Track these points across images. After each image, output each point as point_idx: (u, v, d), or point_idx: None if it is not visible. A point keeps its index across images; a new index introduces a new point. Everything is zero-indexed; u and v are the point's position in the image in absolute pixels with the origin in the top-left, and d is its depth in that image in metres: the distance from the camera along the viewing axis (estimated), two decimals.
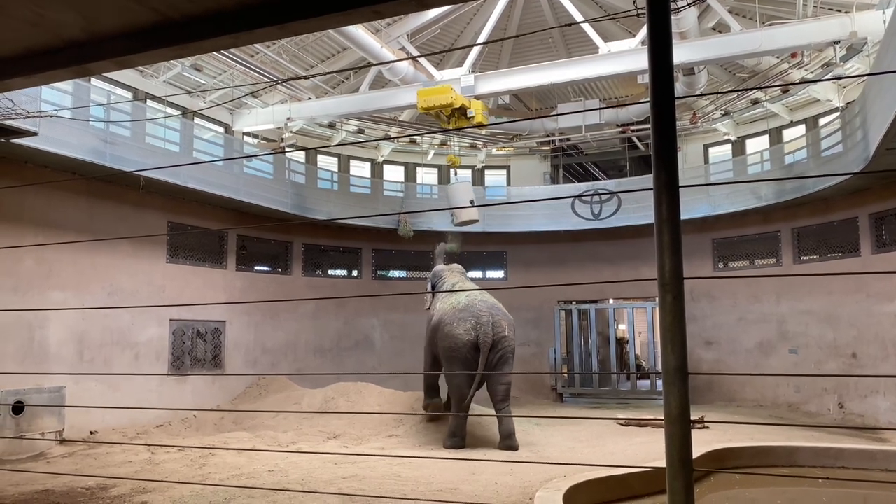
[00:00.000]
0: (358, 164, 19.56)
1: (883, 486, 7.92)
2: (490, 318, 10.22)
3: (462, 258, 18.96)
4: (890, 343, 12.66)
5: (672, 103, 2.41)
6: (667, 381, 2.37)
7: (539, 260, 18.16)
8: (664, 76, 2.38)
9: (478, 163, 20.30)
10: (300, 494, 6.40)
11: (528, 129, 18.45)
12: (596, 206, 17.08)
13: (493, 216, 17.84)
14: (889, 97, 9.04)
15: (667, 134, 2.42)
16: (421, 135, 18.27)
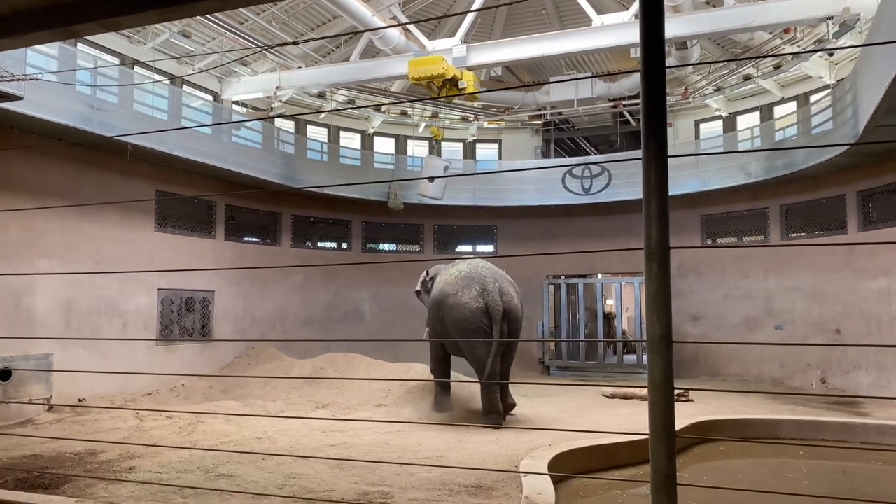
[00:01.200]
0: (348, 135, 19.43)
1: (861, 458, 8.08)
2: (496, 284, 9.55)
3: (452, 232, 19.03)
4: (873, 319, 12.83)
5: (663, 74, 2.41)
6: (651, 349, 2.40)
7: (530, 235, 18.19)
8: (655, 46, 2.37)
9: (469, 136, 20.21)
10: (288, 460, 6.46)
11: (519, 103, 18.36)
12: (586, 181, 17.09)
13: (483, 190, 17.83)
14: (879, 74, 9.05)
15: (657, 104, 2.42)
16: (412, 101, 18.16)
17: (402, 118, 19.68)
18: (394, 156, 19.35)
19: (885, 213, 12.78)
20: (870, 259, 12.92)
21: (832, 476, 7.59)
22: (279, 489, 5.46)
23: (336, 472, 6.05)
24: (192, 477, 5.96)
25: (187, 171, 13.63)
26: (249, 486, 5.59)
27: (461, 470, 5.95)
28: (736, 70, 16.25)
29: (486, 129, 20.42)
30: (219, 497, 5.03)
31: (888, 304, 12.47)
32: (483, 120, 19.80)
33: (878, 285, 12.67)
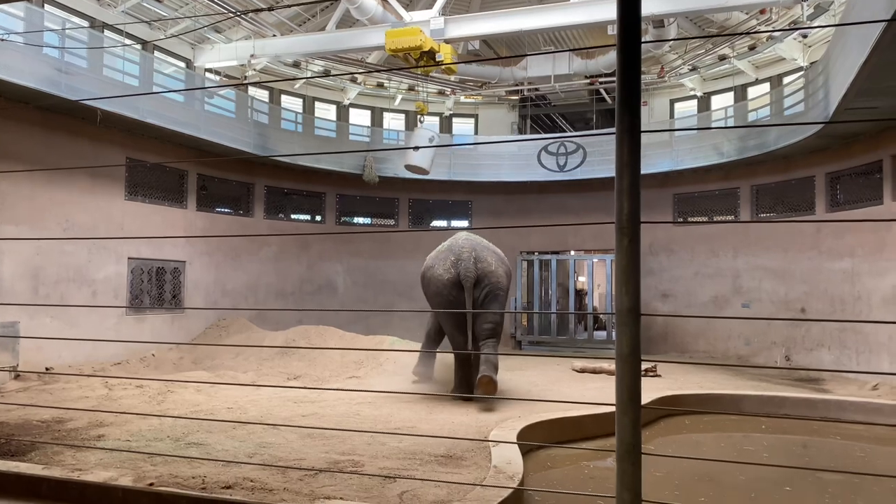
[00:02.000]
0: (323, 106, 19.22)
1: (821, 432, 8.32)
2: (472, 253, 9.35)
3: (428, 206, 19.00)
4: (837, 299, 13.12)
5: (638, 50, 2.43)
6: (620, 321, 2.44)
7: (505, 211, 18.24)
8: (632, 22, 2.39)
9: (446, 110, 20.11)
10: (259, 429, 6.48)
11: (496, 78, 18.29)
12: (562, 158, 17.13)
13: (459, 165, 17.80)
14: (851, 57, 9.17)
15: (631, 79, 2.44)
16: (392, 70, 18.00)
17: (379, 90, 19.51)
18: (369, 128, 19.20)
19: (851, 195, 13.03)
20: (836, 240, 13.18)
21: (792, 449, 7.82)
22: (249, 457, 5.48)
23: (307, 442, 6.09)
24: (162, 445, 5.95)
25: (159, 138, 13.41)
26: (220, 454, 5.61)
27: (432, 440, 6.02)
28: (711, 50, 16.34)
29: (462, 104, 20.34)
30: (189, 465, 5.04)
31: (851, 284, 12.76)
32: (460, 94, 19.71)
33: (843, 266, 12.95)
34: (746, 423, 8.83)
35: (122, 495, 3.15)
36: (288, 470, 4.95)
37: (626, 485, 2.37)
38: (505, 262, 9.73)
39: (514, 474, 4.87)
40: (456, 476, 5.00)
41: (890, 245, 11.65)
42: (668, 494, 5.52)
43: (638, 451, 2.40)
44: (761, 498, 5.62)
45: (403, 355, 11.69)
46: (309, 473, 4.89)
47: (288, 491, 4.42)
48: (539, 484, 5.76)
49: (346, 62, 17.49)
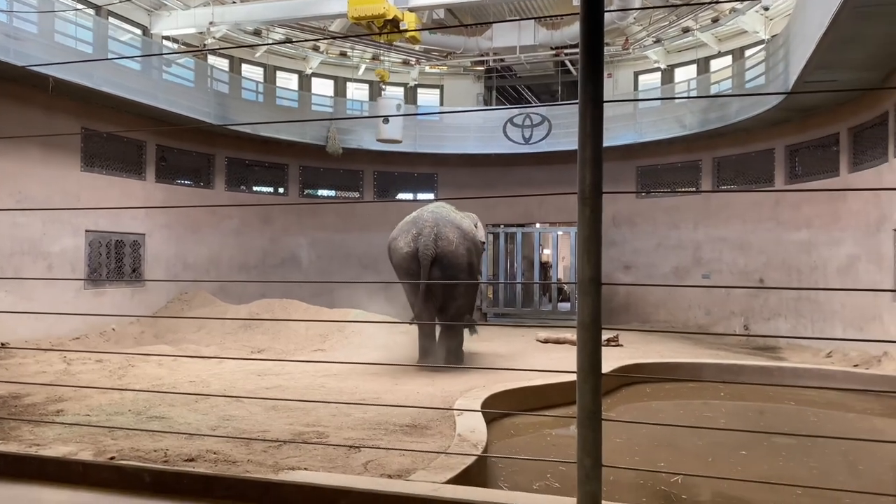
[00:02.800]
0: (285, 75, 18.87)
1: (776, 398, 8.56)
2: (434, 228, 9.20)
3: (393, 178, 18.88)
4: (794, 269, 13.45)
5: (601, 20, 2.42)
6: (581, 290, 2.46)
7: (470, 183, 18.21)
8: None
9: (410, 80, 19.90)
10: (222, 402, 6.43)
11: (462, 48, 18.13)
12: (527, 131, 17.14)
13: (424, 137, 17.68)
14: (810, 31, 9.29)
15: (594, 49, 2.43)
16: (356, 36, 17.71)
17: (342, 59, 19.20)
18: (333, 98, 18.92)
19: (809, 168, 13.29)
20: (793, 211, 13.46)
21: (748, 415, 8.03)
22: (213, 430, 5.44)
23: (271, 414, 6.07)
24: (123, 419, 5.88)
25: (116, 108, 13.03)
26: (182, 427, 5.56)
27: (397, 410, 6.04)
28: (675, 22, 16.41)
29: (427, 74, 20.14)
30: (151, 438, 4.99)
31: (808, 255, 13.07)
32: (425, 64, 19.51)
33: (801, 237, 13.25)
34: (705, 391, 9.04)
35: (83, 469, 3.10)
36: (252, 442, 4.93)
37: (587, 450, 2.41)
38: (470, 238, 9.57)
39: (477, 442, 4.92)
40: (421, 445, 5.04)
41: (845, 216, 11.94)
42: (628, 460, 5.64)
43: (598, 417, 2.43)
44: (718, 462, 5.78)
45: (368, 327, 11.69)
46: (273, 445, 4.88)
47: (252, 462, 4.41)
48: (503, 451, 5.83)
49: (309, 30, 17.17)
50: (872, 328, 10.82)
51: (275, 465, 4.34)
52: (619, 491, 4.89)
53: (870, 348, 10.49)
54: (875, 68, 9.77)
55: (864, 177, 11.18)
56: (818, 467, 5.71)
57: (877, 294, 10.61)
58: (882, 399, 8.41)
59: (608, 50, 17.61)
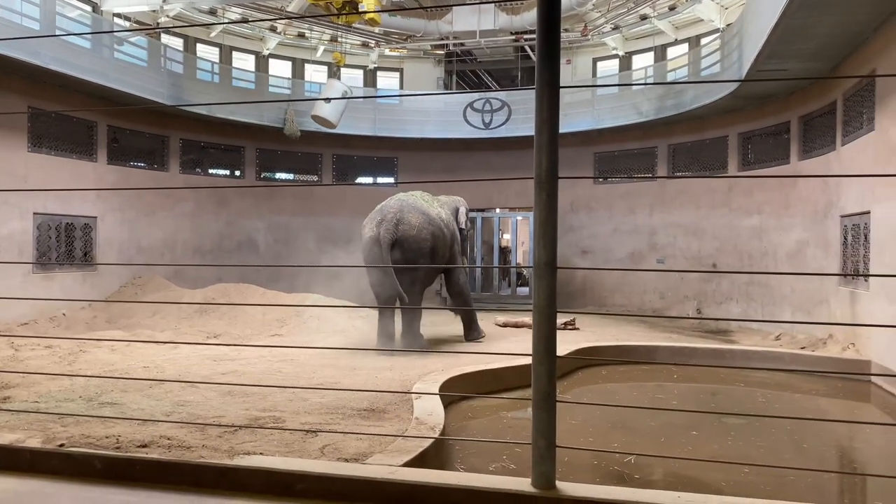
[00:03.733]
0: (241, 56, 18.51)
1: (727, 380, 8.79)
2: (398, 214, 9.52)
3: (352, 162, 18.72)
4: (746, 254, 13.78)
5: (558, 4, 2.43)
6: (537, 274, 2.49)
7: (431, 168, 18.16)
8: None
9: (370, 63, 19.72)
10: (176, 388, 6.34)
11: (422, 31, 18.01)
12: (487, 116, 17.15)
13: (385, 121, 17.56)
14: (763, 20, 9.46)
15: (551, 34, 2.44)
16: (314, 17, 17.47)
17: (300, 41, 18.92)
18: (290, 80, 18.64)
19: (761, 155, 13.59)
20: (746, 198, 13.77)
21: (700, 396, 8.24)
22: (167, 416, 5.36)
23: (227, 399, 6.01)
24: (74, 406, 5.75)
25: (64, 87, 12.61)
26: (135, 413, 5.47)
27: (354, 394, 6.04)
28: (633, 9, 16.55)
29: (387, 57, 19.97)
30: (102, 424, 4.90)
31: (759, 240, 13.39)
32: (384, 47, 19.34)
33: (752, 223, 13.57)
34: (659, 373, 9.25)
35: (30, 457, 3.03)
36: (207, 427, 4.88)
37: (541, 432, 2.45)
38: (437, 224, 9.84)
39: (435, 425, 4.95)
40: (378, 429, 5.05)
41: (794, 203, 12.26)
42: (582, 441, 5.74)
43: (553, 399, 2.47)
44: (670, 442, 5.92)
45: (326, 312, 11.63)
46: (228, 430, 4.83)
47: (207, 448, 4.36)
48: (460, 434, 5.88)
49: (266, 10, 16.86)
50: (819, 311, 11.16)
51: (230, 451, 4.30)
52: (573, 471, 4.98)
53: (816, 331, 10.83)
54: (824, 59, 10.01)
55: (813, 164, 11.48)
56: (765, 446, 5.90)
57: (824, 279, 10.94)
58: (827, 380, 8.71)
59: (567, 36, 17.69)
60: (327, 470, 2.71)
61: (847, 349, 9.50)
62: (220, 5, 16.15)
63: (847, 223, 10.11)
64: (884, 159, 8.43)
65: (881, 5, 7.99)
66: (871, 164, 8.90)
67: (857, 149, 9.51)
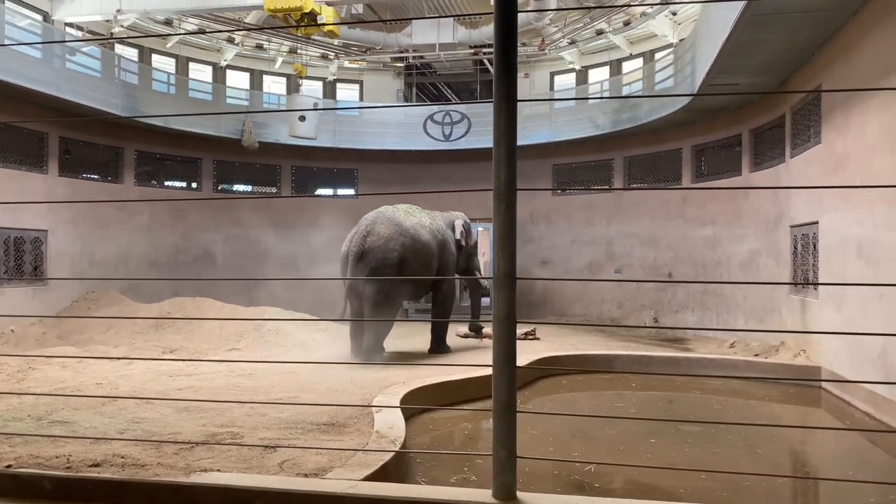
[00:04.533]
0: (198, 67, 18.29)
1: (684, 388, 8.94)
2: (369, 226, 9.71)
3: (312, 174, 18.60)
4: (700, 264, 14.07)
5: (514, 19, 2.47)
6: (497, 284, 2.51)
7: (391, 179, 18.13)
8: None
9: (329, 75, 19.66)
10: (131, 405, 6.19)
11: (381, 43, 18.04)
12: (447, 128, 17.24)
13: (344, 132, 17.51)
14: (713, 37, 9.72)
15: (508, 49, 2.48)
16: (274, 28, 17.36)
17: (258, 52, 18.79)
18: (248, 91, 18.48)
19: (714, 167, 13.92)
20: (699, 209, 14.07)
21: (658, 404, 8.36)
22: (120, 433, 5.23)
23: (183, 415, 5.89)
24: (22, 425, 5.57)
25: (14, 98, 12.27)
26: (87, 431, 5.32)
27: (314, 409, 5.97)
28: (589, 24, 16.86)
29: (347, 69, 19.95)
30: (52, 444, 4.75)
31: (713, 250, 13.69)
32: (344, 59, 19.32)
33: (706, 233, 13.87)
34: (618, 381, 9.36)
35: None
36: (162, 444, 4.77)
37: (502, 442, 2.46)
38: (409, 236, 9.82)
39: (396, 438, 4.93)
40: (338, 443, 5.00)
41: (746, 213, 12.57)
42: (543, 450, 5.78)
43: (513, 409, 2.49)
44: (629, 450, 5.99)
45: (286, 326, 11.50)
46: (185, 447, 4.74)
47: (162, 465, 4.27)
48: (421, 446, 5.86)
49: (223, 21, 16.71)
50: (772, 319, 11.44)
51: (186, 468, 4.22)
52: (534, 481, 5.00)
53: (769, 338, 11.09)
54: (772, 73, 10.32)
55: (763, 176, 11.80)
56: (721, 452, 6.01)
57: (775, 287, 11.22)
58: (780, 386, 8.92)
59: (525, 50, 17.91)
60: (286, 486, 2.68)
61: (798, 356, 9.75)
62: (177, 16, 15.95)
63: (797, 233, 10.40)
64: (830, 171, 8.71)
65: (825, 24, 8.28)
66: (818, 176, 9.19)
67: (806, 161, 9.80)
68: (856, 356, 7.91)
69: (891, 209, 6.91)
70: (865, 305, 7.57)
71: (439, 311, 10.78)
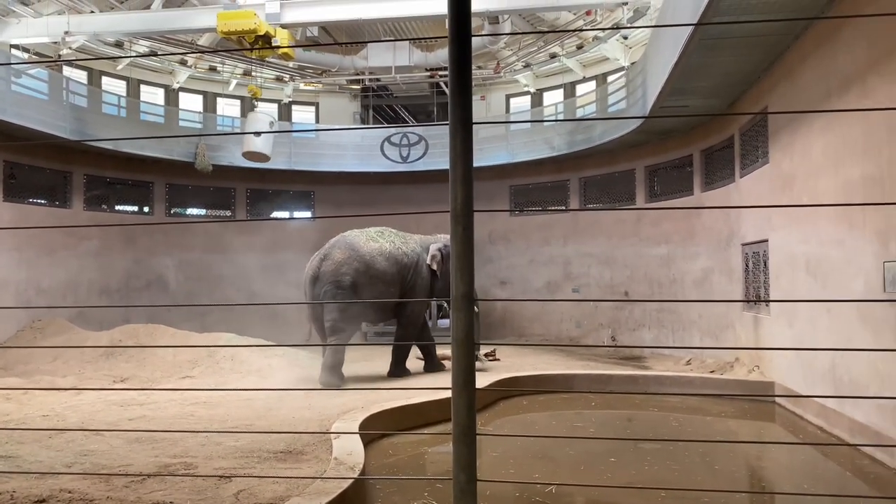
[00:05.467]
0: (150, 89, 18.01)
1: (642, 405, 9.02)
2: (327, 251, 10.11)
3: (267, 196, 18.39)
4: (655, 282, 14.29)
5: (468, 43, 2.47)
6: (455, 306, 2.48)
7: (349, 201, 18.05)
8: (462, 15, 2.43)
9: (284, 97, 19.56)
10: (79, 437, 5.97)
11: (337, 66, 18.04)
12: (404, 150, 17.26)
13: (300, 154, 17.39)
14: (664, 59, 9.96)
15: (463, 72, 2.48)
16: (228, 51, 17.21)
17: (211, 74, 18.59)
18: (202, 114, 18.24)
19: (666, 187, 14.21)
20: (654, 228, 14.32)
21: (617, 423, 8.41)
22: (68, 467, 5.03)
23: (134, 447, 5.70)
24: None
25: None
26: (33, 465, 5.11)
27: (270, 436, 5.85)
28: (543, 48, 17.13)
29: (302, 91, 19.88)
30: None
31: (668, 268, 13.93)
32: (299, 81, 19.25)
33: (660, 252, 14.11)
34: (578, 401, 9.40)
35: None
36: (112, 477, 4.60)
37: (462, 466, 2.42)
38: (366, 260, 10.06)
39: (355, 465, 4.85)
40: (296, 471, 4.89)
41: (699, 232, 12.83)
42: (503, 473, 5.74)
43: (473, 432, 2.45)
44: (590, 469, 6.00)
45: (241, 352, 11.27)
46: (136, 479, 4.58)
47: (112, 499, 4.11)
48: (380, 472, 5.77)
49: (175, 44, 16.50)
50: (726, 336, 11.65)
51: (137, 501, 4.07)
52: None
53: (724, 355, 11.28)
54: (721, 96, 10.61)
55: (715, 195, 12.07)
56: (680, 469, 6.06)
57: (729, 304, 11.44)
58: (735, 402, 9.07)
59: (481, 73, 18.10)
60: None
61: (752, 371, 9.94)
62: (127, 38, 15.70)
63: (748, 251, 10.64)
64: (778, 190, 8.96)
65: (770, 48, 8.56)
66: (767, 195, 9.44)
67: (754, 180, 10.07)
68: (807, 371, 8.09)
69: (836, 227, 7.12)
70: (815, 321, 7.77)
71: (402, 333, 10.83)
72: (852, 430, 6.75)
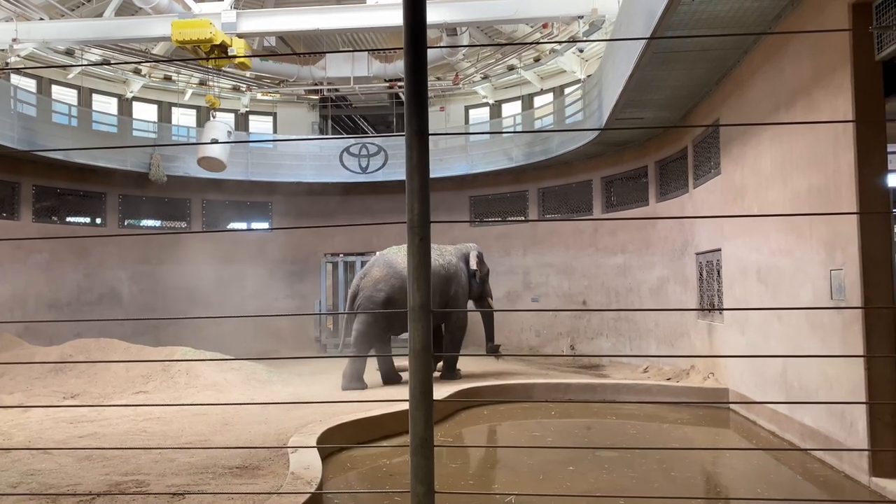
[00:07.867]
0: (102, 99, 17.64)
1: (600, 413, 9.10)
2: (368, 269, 10.90)
3: (224, 207, 18.13)
4: (612, 291, 14.47)
5: (424, 54, 2.47)
6: (412, 317, 2.47)
7: (308, 212, 17.89)
8: (417, 26, 2.43)
9: (241, 107, 19.35)
10: (25, 456, 5.77)
11: (295, 76, 17.93)
12: (364, 160, 17.20)
13: (258, 165, 17.19)
14: (619, 73, 10.13)
15: (418, 83, 2.48)
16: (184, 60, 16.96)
17: (166, 84, 18.31)
18: (156, 124, 17.92)
19: (622, 198, 14.42)
20: (610, 238, 14.51)
21: (576, 431, 8.46)
22: (13, 488, 4.86)
23: (84, 465, 5.53)
24: None
25: None
26: None
27: (226, 452, 5.74)
28: (501, 60, 17.30)
29: (259, 101, 19.70)
30: None
31: (625, 277, 14.12)
32: (257, 91, 19.07)
33: (617, 261, 14.30)
34: (538, 410, 9.44)
35: None
36: (60, 497, 4.46)
37: (420, 478, 2.40)
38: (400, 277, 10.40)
39: (312, 479, 4.78)
40: (251, 486, 4.80)
41: (655, 242, 13.05)
42: (462, 484, 5.73)
43: (430, 444, 2.44)
44: (548, 479, 6.02)
45: (196, 366, 11.06)
46: (84, 499, 4.44)
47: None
48: (338, 486, 5.71)
49: (129, 52, 16.21)
50: (682, 344, 11.85)
51: None
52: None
53: (680, 362, 11.46)
54: (675, 108, 10.83)
55: (669, 205, 12.30)
56: (637, 476, 6.12)
57: (684, 312, 11.64)
58: (691, 408, 9.21)
59: (440, 84, 18.19)
60: None
61: (707, 378, 10.11)
62: (79, 46, 15.37)
63: (702, 260, 10.85)
64: (730, 200, 9.17)
65: (720, 62, 8.78)
66: (719, 205, 9.65)
67: (707, 191, 10.28)
68: (759, 377, 8.27)
69: (785, 236, 7.31)
70: (766, 328, 7.95)
71: (450, 339, 11.46)
72: (803, 435, 6.92)
